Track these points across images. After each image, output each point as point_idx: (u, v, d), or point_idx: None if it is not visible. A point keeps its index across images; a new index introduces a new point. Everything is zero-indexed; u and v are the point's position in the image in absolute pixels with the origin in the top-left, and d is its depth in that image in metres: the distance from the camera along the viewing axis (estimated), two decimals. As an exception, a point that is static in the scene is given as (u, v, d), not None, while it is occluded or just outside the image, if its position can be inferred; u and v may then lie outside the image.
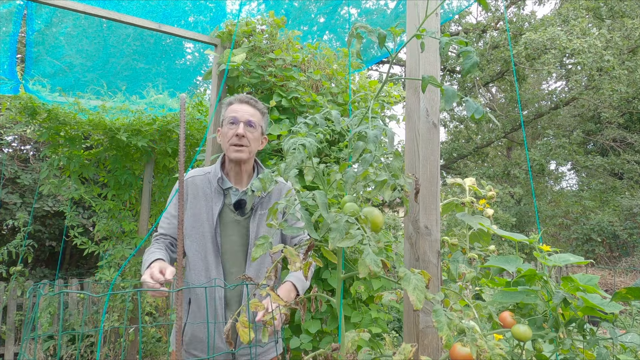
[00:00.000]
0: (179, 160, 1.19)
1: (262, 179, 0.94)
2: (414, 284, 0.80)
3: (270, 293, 0.95)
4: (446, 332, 0.79)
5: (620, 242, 10.42)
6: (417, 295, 0.79)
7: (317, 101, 2.56)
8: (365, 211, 0.90)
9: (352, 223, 0.84)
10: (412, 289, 0.79)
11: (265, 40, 2.63)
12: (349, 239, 0.81)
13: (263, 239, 0.94)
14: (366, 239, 0.81)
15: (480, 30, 11.13)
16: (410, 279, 0.81)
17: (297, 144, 0.90)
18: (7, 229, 6.08)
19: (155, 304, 4.22)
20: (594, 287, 1.03)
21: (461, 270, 1.25)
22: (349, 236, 0.82)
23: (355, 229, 0.83)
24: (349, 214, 0.87)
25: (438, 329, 0.79)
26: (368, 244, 0.80)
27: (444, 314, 0.82)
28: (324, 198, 0.88)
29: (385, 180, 0.87)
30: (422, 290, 0.80)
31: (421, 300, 0.78)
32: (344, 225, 0.83)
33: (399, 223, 7.60)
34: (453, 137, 14.56)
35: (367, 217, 0.88)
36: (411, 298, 0.78)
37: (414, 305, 0.78)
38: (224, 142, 1.61)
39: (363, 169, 0.87)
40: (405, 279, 0.81)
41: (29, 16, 2.80)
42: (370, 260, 0.78)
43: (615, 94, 9.40)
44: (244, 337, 0.91)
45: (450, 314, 0.82)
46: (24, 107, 3.48)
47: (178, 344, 1.02)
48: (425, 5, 1.31)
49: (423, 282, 0.81)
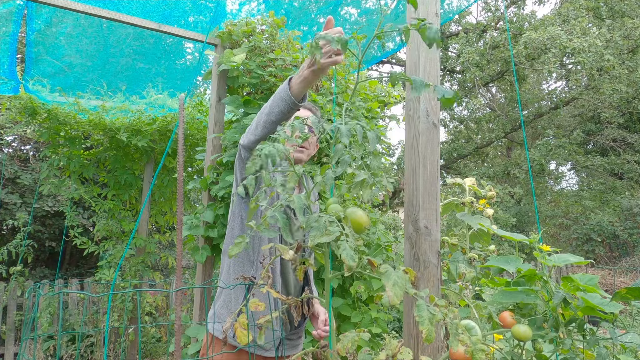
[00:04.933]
0: (178, 160, 1.19)
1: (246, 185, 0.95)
2: (394, 280, 0.82)
3: (270, 291, 0.95)
4: (427, 327, 0.80)
5: (620, 242, 10.42)
6: (395, 292, 0.81)
7: (317, 101, 2.56)
8: (348, 211, 0.93)
9: (331, 222, 0.87)
10: (392, 285, 0.81)
11: (265, 41, 2.62)
12: (327, 235, 0.84)
13: (241, 238, 0.95)
14: (343, 236, 0.84)
15: (480, 30, 11.12)
16: (390, 274, 0.83)
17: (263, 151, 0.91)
18: (7, 229, 6.08)
19: (155, 304, 4.22)
20: (594, 287, 1.03)
21: (461, 270, 1.25)
22: (327, 233, 0.85)
23: (334, 226, 0.86)
24: (332, 214, 0.91)
25: (419, 323, 0.81)
26: (345, 240, 0.83)
27: (427, 308, 0.83)
28: (302, 201, 0.91)
29: (364, 180, 0.89)
30: (402, 287, 0.82)
31: (399, 296, 0.80)
32: (323, 224, 0.86)
33: (399, 223, 7.61)
34: (453, 137, 14.56)
35: (347, 216, 0.92)
36: (389, 293, 0.80)
37: (390, 300, 0.80)
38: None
39: (341, 170, 0.88)
40: (385, 275, 0.83)
41: (29, 16, 2.80)
42: (347, 255, 0.80)
43: (616, 93, 9.41)
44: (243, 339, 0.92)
45: (433, 309, 0.83)
46: (24, 107, 3.49)
47: (178, 344, 1.02)
48: (425, 5, 1.31)
49: (404, 279, 0.83)
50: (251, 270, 1.49)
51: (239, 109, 2.46)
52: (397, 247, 2.82)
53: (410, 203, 1.26)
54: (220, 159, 2.47)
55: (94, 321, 4.15)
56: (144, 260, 4.07)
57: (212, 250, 2.45)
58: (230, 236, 1.57)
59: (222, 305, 1.51)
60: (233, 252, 0.92)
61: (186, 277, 5.80)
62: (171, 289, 1.72)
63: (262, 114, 1.38)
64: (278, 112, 1.34)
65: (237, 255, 0.94)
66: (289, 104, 1.33)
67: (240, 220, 1.55)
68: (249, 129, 1.43)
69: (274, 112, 1.35)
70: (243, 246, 0.92)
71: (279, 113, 1.34)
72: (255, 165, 0.87)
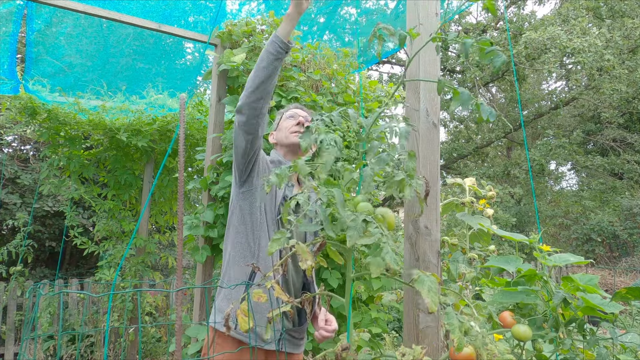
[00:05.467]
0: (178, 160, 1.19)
1: (278, 174, 0.93)
2: (428, 286, 0.81)
3: (274, 286, 0.94)
4: (458, 335, 0.79)
5: (620, 242, 10.41)
6: (431, 298, 0.79)
7: (317, 101, 2.56)
8: (380, 211, 0.90)
9: (369, 222, 0.84)
10: (427, 291, 0.80)
11: (265, 41, 2.63)
12: (368, 237, 0.81)
13: (280, 234, 0.93)
14: (384, 238, 0.81)
15: (480, 30, 11.12)
16: (424, 281, 0.82)
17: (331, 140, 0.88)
18: (7, 229, 6.08)
19: (155, 304, 4.22)
20: (594, 287, 1.03)
21: (461, 270, 1.25)
22: (367, 234, 0.82)
23: (373, 227, 0.83)
24: (365, 213, 0.87)
25: (451, 331, 0.80)
26: (387, 243, 0.81)
27: (456, 317, 0.82)
28: (342, 196, 0.88)
29: (403, 180, 0.87)
30: (436, 293, 0.80)
31: (436, 303, 0.79)
32: (361, 224, 0.83)
33: (399, 223, 7.60)
34: (453, 137, 14.56)
35: (383, 216, 0.89)
36: (426, 300, 0.79)
37: (429, 307, 0.78)
38: (283, 134, 1.68)
39: (379, 168, 0.87)
40: (419, 281, 0.82)
41: (29, 16, 2.79)
42: (391, 259, 0.78)
43: (616, 93, 9.40)
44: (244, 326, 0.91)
45: (462, 317, 0.83)
46: (24, 107, 3.49)
47: (178, 344, 1.02)
48: (425, 5, 1.31)
49: (436, 284, 0.82)
50: (252, 261, 1.50)
51: (239, 109, 2.46)
52: (398, 247, 2.82)
53: (410, 203, 1.26)
54: (220, 159, 2.46)
55: (94, 321, 4.15)
56: (144, 260, 4.08)
57: (212, 250, 2.45)
58: (230, 224, 1.59)
59: (224, 298, 1.51)
60: (273, 249, 0.88)
61: (186, 277, 5.80)
62: (171, 289, 1.72)
63: (253, 69, 1.46)
64: (267, 55, 1.42)
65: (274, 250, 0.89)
66: (277, 43, 1.42)
67: (239, 210, 1.56)
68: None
69: (264, 57, 1.43)
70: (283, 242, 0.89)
71: (268, 55, 1.42)
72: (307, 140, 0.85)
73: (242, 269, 1.50)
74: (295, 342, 1.59)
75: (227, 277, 1.53)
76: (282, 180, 0.91)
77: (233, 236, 1.55)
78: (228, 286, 1.49)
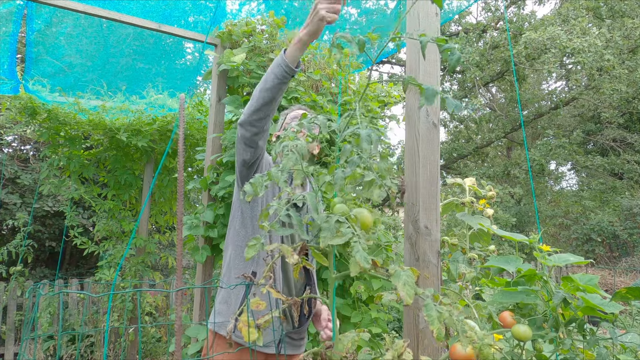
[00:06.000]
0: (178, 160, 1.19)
1: (253, 183, 0.95)
2: (404, 279, 0.83)
3: (270, 290, 0.95)
4: (437, 326, 0.81)
5: (620, 242, 10.42)
6: (407, 291, 0.81)
7: (317, 101, 2.56)
8: (355, 211, 0.93)
9: (342, 222, 0.86)
10: (402, 285, 0.82)
11: (265, 41, 2.62)
12: (339, 237, 0.84)
13: (255, 240, 0.95)
14: (355, 237, 0.84)
15: (480, 30, 11.12)
16: (400, 275, 0.83)
17: (292, 146, 0.91)
18: (7, 229, 6.08)
19: (155, 304, 4.22)
20: (594, 287, 1.02)
21: (461, 270, 1.25)
22: (339, 234, 0.84)
23: (345, 227, 0.85)
24: (340, 214, 0.90)
25: (429, 322, 0.81)
26: (358, 242, 0.83)
27: (434, 307, 0.83)
28: (314, 199, 0.91)
29: (373, 180, 0.89)
30: (412, 286, 0.82)
31: (411, 296, 0.81)
32: (334, 225, 0.85)
33: (399, 223, 7.60)
34: (453, 137, 14.56)
35: (356, 216, 0.92)
36: (401, 293, 0.81)
37: (404, 300, 0.80)
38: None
39: (351, 170, 0.88)
40: (395, 275, 0.83)
41: (29, 16, 2.80)
42: (360, 257, 0.80)
43: (616, 93, 9.40)
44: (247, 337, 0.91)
45: (440, 307, 0.84)
46: (24, 107, 3.49)
47: (178, 344, 1.02)
48: (425, 5, 1.31)
49: (412, 278, 0.84)
50: (252, 265, 1.49)
51: (239, 109, 2.46)
52: (397, 247, 2.83)
53: (410, 203, 1.26)
54: (220, 159, 2.47)
55: (94, 321, 4.15)
56: (144, 260, 4.08)
57: (212, 250, 2.45)
58: (231, 226, 1.59)
59: (222, 300, 1.51)
60: (249, 255, 0.92)
61: (186, 277, 5.80)
62: (171, 289, 1.72)
63: (258, 86, 1.41)
64: (273, 78, 1.37)
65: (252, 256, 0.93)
66: (283, 67, 1.35)
67: (240, 214, 1.56)
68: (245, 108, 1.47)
69: (269, 79, 1.38)
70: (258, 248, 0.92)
71: (274, 78, 1.37)
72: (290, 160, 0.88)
73: (242, 272, 1.51)
74: (295, 344, 1.59)
75: (227, 279, 1.53)
76: (257, 189, 0.94)
77: (234, 239, 1.55)
78: (228, 286, 1.49)
